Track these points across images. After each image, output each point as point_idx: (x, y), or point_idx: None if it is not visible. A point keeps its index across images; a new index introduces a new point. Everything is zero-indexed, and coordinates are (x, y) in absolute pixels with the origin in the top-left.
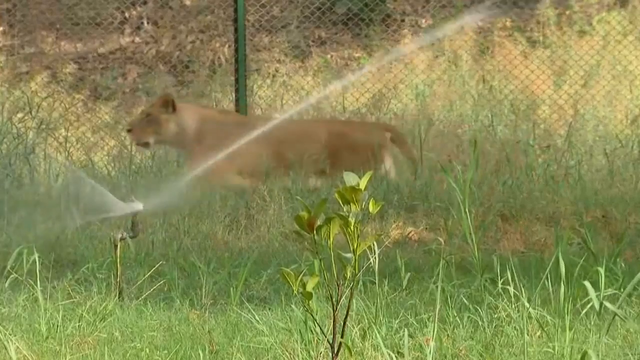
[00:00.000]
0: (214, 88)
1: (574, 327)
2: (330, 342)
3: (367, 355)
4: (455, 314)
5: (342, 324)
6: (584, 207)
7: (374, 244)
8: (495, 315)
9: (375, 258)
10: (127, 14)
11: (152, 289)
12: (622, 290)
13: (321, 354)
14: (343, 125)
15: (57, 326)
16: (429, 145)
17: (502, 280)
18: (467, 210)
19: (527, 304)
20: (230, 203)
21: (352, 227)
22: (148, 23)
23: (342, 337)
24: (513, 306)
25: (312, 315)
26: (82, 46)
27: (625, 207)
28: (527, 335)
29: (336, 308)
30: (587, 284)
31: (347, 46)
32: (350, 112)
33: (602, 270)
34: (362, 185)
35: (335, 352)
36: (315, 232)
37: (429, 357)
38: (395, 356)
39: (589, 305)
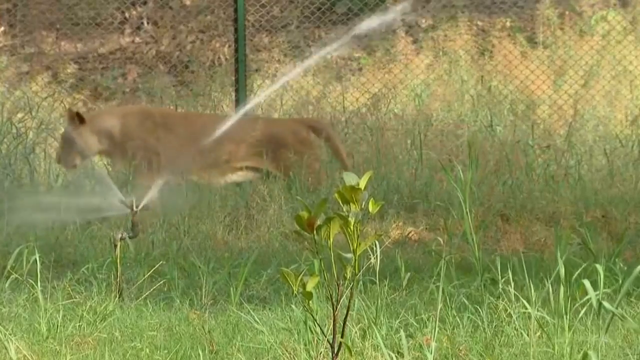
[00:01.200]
0: (214, 88)
1: (573, 327)
2: (330, 342)
3: (367, 355)
4: (455, 314)
5: (342, 324)
6: (584, 207)
7: (374, 244)
8: (495, 315)
9: (375, 258)
10: (127, 14)
11: (152, 289)
12: (621, 290)
13: (321, 354)
14: (273, 123)
15: (58, 326)
16: (428, 146)
17: (502, 280)
18: (467, 210)
19: (527, 304)
20: (230, 203)
21: (352, 227)
22: (148, 23)
23: (342, 337)
24: (513, 306)
25: (312, 315)
26: (82, 46)
27: (625, 207)
28: (527, 335)
29: (336, 308)
30: (586, 283)
31: (347, 46)
32: (351, 112)
33: (601, 269)
34: (362, 185)
35: (335, 352)
36: (315, 232)
37: (430, 357)
38: (395, 356)
39: (587, 305)
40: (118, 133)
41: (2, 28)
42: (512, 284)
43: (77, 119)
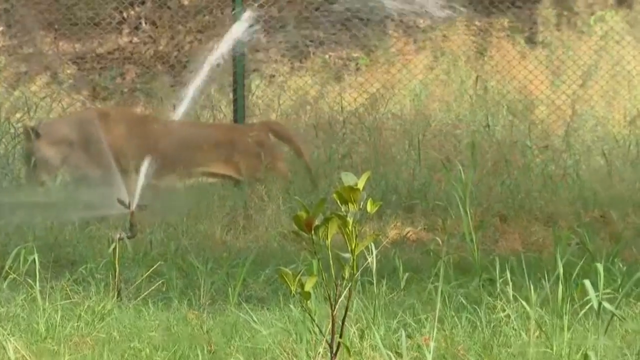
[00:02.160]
0: (212, 88)
1: (572, 328)
2: (329, 342)
3: (366, 356)
4: (454, 314)
5: (341, 324)
6: (582, 207)
7: (371, 244)
8: (494, 316)
9: (373, 258)
10: (125, 14)
11: (150, 289)
12: (620, 290)
13: (320, 354)
14: (232, 128)
15: (56, 326)
16: (426, 146)
17: (500, 280)
18: (466, 210)
19: (525, 304)
20: (228, 203)
21: (350, 227)
22: (146, 23)
23: (340, 337)
24: (511, 306)
25: (310, 315)
26: (81, 46)
27: (624, 207)
28: (526, 335)
29: (334, 308)
30: (587, 283)
31: (345, 46)
32: (349, 112)
33: (601, 269)
34: (361, 185)
35: (333, 352)
36: (313, 232)
37: (429, 358)
38: (394, 356)
39: (588, 306)
40: (76, 138)
41: (1, 28)
42: (511, 284)
43: (33, 133)
